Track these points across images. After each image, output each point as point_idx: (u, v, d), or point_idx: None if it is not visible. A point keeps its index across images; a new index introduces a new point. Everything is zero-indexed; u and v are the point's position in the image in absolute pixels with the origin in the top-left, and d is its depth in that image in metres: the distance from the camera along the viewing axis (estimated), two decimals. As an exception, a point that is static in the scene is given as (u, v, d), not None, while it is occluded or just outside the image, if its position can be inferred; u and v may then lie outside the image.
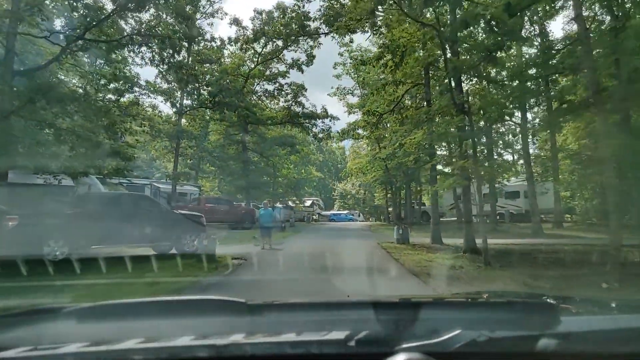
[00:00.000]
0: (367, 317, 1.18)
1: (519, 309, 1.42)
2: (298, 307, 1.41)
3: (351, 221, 47.52)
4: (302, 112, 30.13)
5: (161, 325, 1.21)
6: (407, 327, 1.11)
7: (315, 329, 1.08)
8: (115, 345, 0.98)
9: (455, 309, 1.50)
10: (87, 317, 1.26)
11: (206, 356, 0.94)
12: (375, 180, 34.57)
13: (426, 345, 0.95)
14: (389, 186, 33.13)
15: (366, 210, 63.39)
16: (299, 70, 29.80)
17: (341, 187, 67.52)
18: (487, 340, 0.98)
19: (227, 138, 30.29)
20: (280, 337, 1.04)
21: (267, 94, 31.55)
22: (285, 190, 41.97)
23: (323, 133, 31.12)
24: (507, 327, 1.17)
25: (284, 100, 30.72)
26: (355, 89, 36.06)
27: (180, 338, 1.00)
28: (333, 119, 30.13)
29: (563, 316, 1.32)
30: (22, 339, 1.09)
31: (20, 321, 1.27)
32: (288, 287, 6.78)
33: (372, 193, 63.27)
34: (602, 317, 1.49)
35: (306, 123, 30.65)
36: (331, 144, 33.57)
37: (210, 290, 7.06)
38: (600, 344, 1.09)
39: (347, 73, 36.30)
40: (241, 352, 0.95)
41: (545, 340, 1.00)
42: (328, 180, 72.91)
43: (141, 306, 1.40)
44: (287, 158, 32.82)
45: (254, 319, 1.23)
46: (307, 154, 36.03)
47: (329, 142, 32.77)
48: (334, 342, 0.98)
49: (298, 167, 44.90)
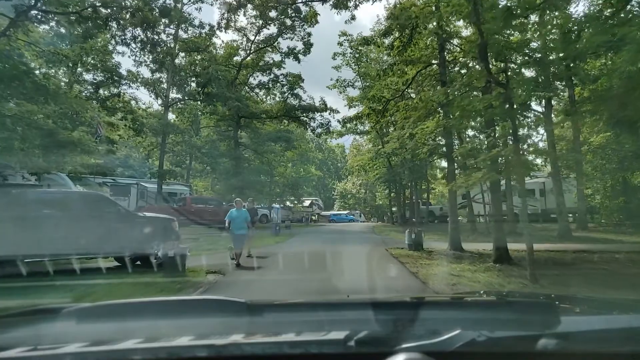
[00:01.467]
0: (366, 317, 1.17)
1: (519, 308, 1.44)
2: (298, 307, 1.42)
3: (352, 222, 45.48)
4: (298, 105, 27.87)
5: (161, 325, 1.20)
6: (406, 327, 1.10)
7: (315, 329, 1.09)
8: (115, 345, 0.98)
9: (454, 309, 1.51)
10: (87, 317, 1.25)
11: (206, 356, 0.94)
12: (378, 179, 32.33)
13: (426, 345, 0.94)
14: (393, 184, 30.86)
15: (367, 210, 61.48)
16: (296, 59, 27.58)
17: (341, 187, 65.74)
18: (487, 340, 0.97)
19: (218, 133, 28.01)
20: (279, 337, 1.05)
21: (262, 86, 29.27)
22: (283, 190, 39.75)
23: (322, 128, 28.87)
24: (507, 326, 1.17)
25: (280, 92, 28.46)
26: (356, 81, 33.99)
27: (179, 338, 1.00)
28: (332, 112, 27.88)
29: (563, 316, 1.33)
30: (22, 339, 1.09)
31: (20, 321, 1.28)
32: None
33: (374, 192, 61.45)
34: (602, 317, 1.47)
35: (303, 117, 28.40)
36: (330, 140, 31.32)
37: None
38: (600, 344, 1.08)
39: (347, 64, 34.14)
40: (241, 352, 0.95)
41: (545, 340, 0.99)
42: (328, 180, 70.90)
43: (141, 306, 1.41)
44: (283, 155, 30.47)
45: (253, 319, 1.23)
46: (304, 150, 33.65)
47: (328, 137, 30.48)
48: (334, 342, 0.98)
49: (297, 166, 42.65)
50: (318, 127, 28.69)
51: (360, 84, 33.04)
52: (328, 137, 30.51)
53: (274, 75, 28.65)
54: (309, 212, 43.21)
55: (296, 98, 28.14)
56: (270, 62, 28.70)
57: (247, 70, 29.09)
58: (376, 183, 37.17)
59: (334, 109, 27.98)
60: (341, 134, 30.78)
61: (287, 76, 28.17)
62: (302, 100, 27.85)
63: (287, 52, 27.38)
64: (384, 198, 47.01)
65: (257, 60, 28.72)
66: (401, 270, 8.88)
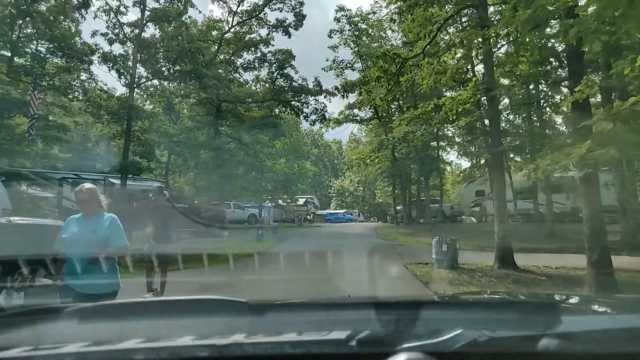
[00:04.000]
0: (367, 317, 1.15)
1: (521, 308, 1.45)
2: (299, 307, 1.41)
3: (350, 221, 41.70)
4: (289, 87, 23.85)
5: (162, 325, 1.19)
6: (408, 327, 1.09)
7: (316, 328, 1.08)
8: (116, 345, 0.98)
9: (456, 309, 1.49)
10: (88, 317, 1.24)
11: (207, 356, 0.93)
12: (381, 173, 28.40)
13: (427, 345, 0.93)
14: (398, 179, 26.94)
15: (365, 209, 57.85)
16: (285, 33, 23.59)
17: (338, 184, 62.03)
18: (489, 340, 0.95)
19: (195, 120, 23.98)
20: (281, 337, 1.05)
21: (247, 67, 25.21)
22: (275, 187, 35.79)
23: (317, 114, 24.87)
24: (509, 326, 1.16)
25: (267, 73, 24.41)
26: (356, 62, 30.02)
27: (181, 338, 0.99)
28: (329, 94, 23.87)
29: (564, 316, 1.30)
30: (22, 339, 1.09)
31: (20, 321, 1.26)
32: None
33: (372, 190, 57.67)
34: (604, 317, 1.45)
35: (295, 101, 24.40)
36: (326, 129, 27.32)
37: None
38: (602, 344, 1.05)
39: (345, 43, 30.21)
40: (242, 351, 0.94)
41: (546, 340, 0.97)
42: (324, 177, 67.23)
43: (142, 306, 1.43)
44: (273, 146, 26.39)
45: (254, 318, 1.22)
46: (296, 141, 29.59)
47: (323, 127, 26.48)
48: (335, 342, 0.97)
49: (290, 161, 38.69)
50: (312, 114, 24.70)
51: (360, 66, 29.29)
52: (324, 127, 26.53)
53: (260, 54, 24.63)
54: (303, 211, 39.41)
55: (286, 79, 24.10)
56: (257, 38, 24.70)
57: (229, 47, 25.06)
58: (378, 178, 33.21)
59: (331, 91, 23.96)
60: (339, 121, 26.82)
61: (275, 54, 24.14)
62: (293, 81, 23.82)
63: (276, 24, 23.40)
64: (385, 195, 43.20)
65: (241, 37, 24.71)
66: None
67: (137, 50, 21.41)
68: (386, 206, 54.63)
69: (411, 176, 26.38)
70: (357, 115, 27.58)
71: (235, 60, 25.83)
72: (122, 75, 21.31)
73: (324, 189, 66.50)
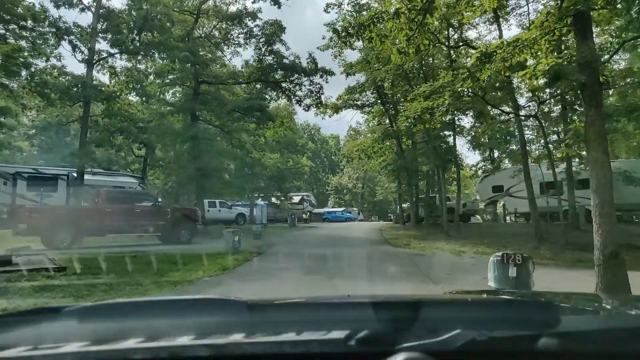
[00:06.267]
0: (367, 316, 1.14)
1: (520, 307, 1.45)
2: (298, 307, 1.40)
3: (349, 220, 38.36)
4: (278, 65, 20.33)
5: (161, 324, 1.17)
6: (407, 326, 1.06)
7: (315, 328, 1.05)
8: (115, 345, 0.97)
9: (455, 308, 1.47)
10: (88, 317, 1.22)
11: (206, 355, 0.93)
12: (385, 166, 24.98)
13: (427, 344, 0.93)
14: (404, 174, 23.53)
15: (365, 207, 54.58)
16: (275, 3, 20.08)
17: (336, 181, 58.71)
18: (488, 340, 0.95)
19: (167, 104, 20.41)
20: (280, 336, 1.02)
21: (229, 41, 21.65)
22: (268, 184, 32.31)
23: (311, 98, 21.40)
24: (508, 326, 1.13)
25: (254, 49, 20.86)
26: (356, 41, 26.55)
27: (180, 337, 0.98)
28: (326, 74, 20.39)
29: (564, 315, 1.30)
30: (22, 339, 1.07)
31: (20, 321, 1.23)
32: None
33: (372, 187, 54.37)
34: (603, 316, 1.44)
35: (286, 82, 20.91)
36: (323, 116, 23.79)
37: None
38: (601, 343, 1.04)
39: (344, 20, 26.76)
40: (241, 351, 0.95)
41: (545, 340, 0.97)
42: (321, 174, 63.90)
43: (142, 306, 1.42)
44: (260, 135, 22.84)
45: (253, 318, 1.19)
46: (288, 128, 26.04)
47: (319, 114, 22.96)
48: (334, 342, 0.96)
49: (284, 156, 35.21)
50: (306, 97, 21.23)
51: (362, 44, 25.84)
52: (320, 114, 23.06)
53: (246, 27, 21.09)
54: (299, 209, 36.05)
55: (276, 56, 20.57)
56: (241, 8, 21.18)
57: (209, 20, 21.54)
58: (382, 173, 29.77)
59: (328, 71, 20.45)
60: (337, 107, 23.34)
61: (262, 27, 20.61)
62: (284, 57, 20.30)
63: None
64: (387, 192, 39.87)
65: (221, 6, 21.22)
66: None
67: (96, 19, 17.92)
68: (387, 204, 51.47)
69: (420, 169, 22.95)
70: (358, 100, 24.13)
71: (217, 37, 22.30)
72: (78, 49, 17.81)
73: (321, 186, 63.18)
